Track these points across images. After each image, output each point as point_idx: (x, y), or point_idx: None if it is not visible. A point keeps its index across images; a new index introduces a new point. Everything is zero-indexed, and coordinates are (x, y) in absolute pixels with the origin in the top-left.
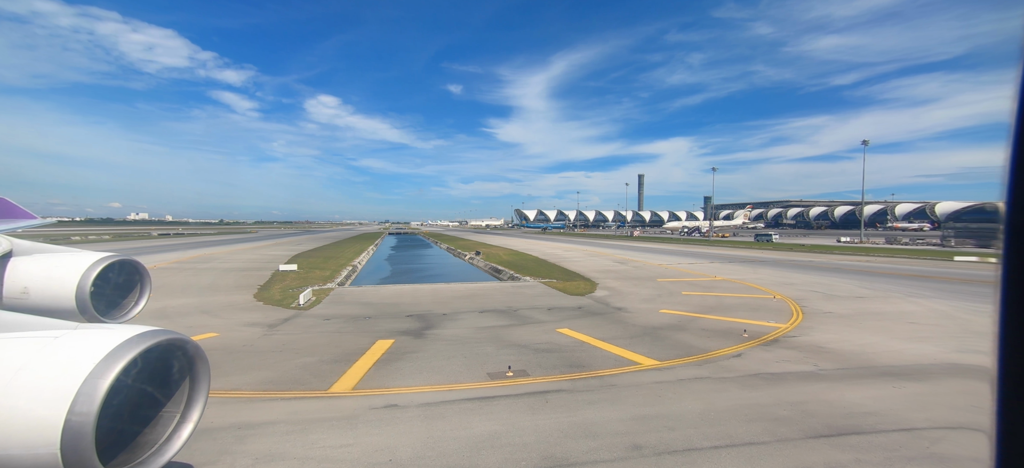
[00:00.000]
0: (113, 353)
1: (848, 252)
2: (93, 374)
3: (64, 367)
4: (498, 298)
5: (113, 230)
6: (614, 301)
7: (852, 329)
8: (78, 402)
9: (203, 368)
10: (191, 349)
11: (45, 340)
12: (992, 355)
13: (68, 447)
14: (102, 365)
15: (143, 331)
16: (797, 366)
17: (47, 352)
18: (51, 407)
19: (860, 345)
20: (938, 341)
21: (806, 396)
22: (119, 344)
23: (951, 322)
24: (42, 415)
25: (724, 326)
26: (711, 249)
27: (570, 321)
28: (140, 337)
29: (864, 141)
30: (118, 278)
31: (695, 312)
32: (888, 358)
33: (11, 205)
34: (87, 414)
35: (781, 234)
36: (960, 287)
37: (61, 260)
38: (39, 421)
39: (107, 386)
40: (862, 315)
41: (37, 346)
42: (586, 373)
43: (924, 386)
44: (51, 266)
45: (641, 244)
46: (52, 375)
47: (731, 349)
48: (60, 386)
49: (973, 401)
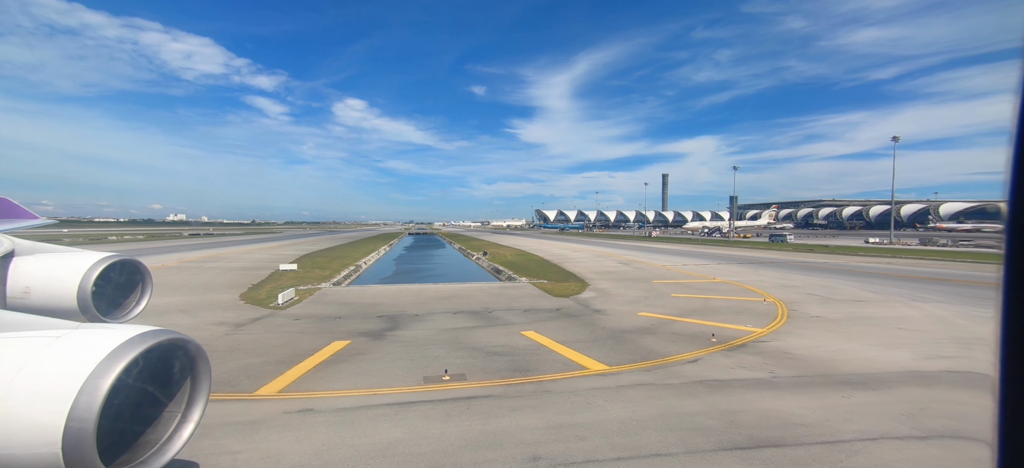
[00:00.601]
0: (114, 353)
1: (871, 253)
2: (94, 374)
3: (65, 367)
4: (479, 299)
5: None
6: (597, 303)
7: (831, 334)
8: (79, 402)
9: (204, 368)
10: (192, 349)
11: (47, 340)
12: (994, 357)
13: (69, 447)
14: (103, 365)
15: (144, 331)
16: (750, 373)
17: (49, 352)
18: (52, 407)
19: (830, 351)
20: (915, 347)
21: (743, 405)
22: (120, 344)
23: (943, 327)
24: (43, 415)
25: (696, 330)
26: (725, 250)
27: (540, 323)
28: (141, 337)
29: (894, 138)
30: (119, 278)
31: (674, 315)
32: (853, 365)
33: (13, 205)
34: (88, 414)
35: (810, 235)
36: (980, 291)
37: (63, 260)
38: (40, 421)
39: (108, 386)
40: (850, 320)
41: (39, 346)
42: (527, 378)
43: (874, 395)
44: (53, 266)
45: (656, 245)
46: (54, 375)
47: (690, 354)
48: (61, 386)
49: (914, 409)
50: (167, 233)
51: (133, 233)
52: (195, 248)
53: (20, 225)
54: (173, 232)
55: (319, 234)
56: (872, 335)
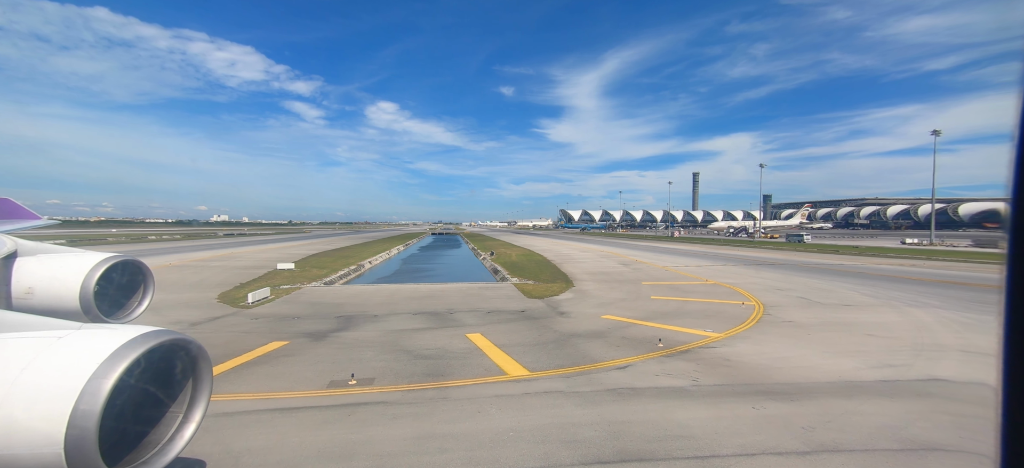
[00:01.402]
0: (116, 353)
1: (902, 255)
2: (96, 374)
3: (68, 367)
4: (451, 300)
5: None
6: (567, 305)
7: (789, 340)
8: (82, 402)
9: (206, 368)
10: (194, 349)
11: (49, 340)
12: (997, 359)
13: (72, 447)
14: (105, 365)
15: (146, 331)
16: (672, 381)
17: (51, 352)
18: (55, 407)
19: (773, 358)
20: (870, 355)
21: (639, 416)
22: (122, 344)
23: (916, 334)
24: (46, 415)
25: (651, 334)
26: (741, 251)
27: (494, 325)
28: (143, 337)
29: (934, 131)
30: (121, 278)
31: (638, 318)
32: (788, 374)
33: (15, 205)
34: (91, 414)
35: (847, 235)
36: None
37: (65, 260)
38: (43, 421)
39: (110, 386)
40: (824, 325)
41: (41, 346)
42: (435, 383)
43: (787, 406)
44: (55, 266)
45: (673, 245)
46: (56, 375)
47: (625, 360)
48: (64, 386)
49: (818, 422)
50: (204, 233)
51: (171, 233)
52: (217, 247)
53: (22, 225)
54: (209, 232)
55: (345, 234)
56: (834, 342)
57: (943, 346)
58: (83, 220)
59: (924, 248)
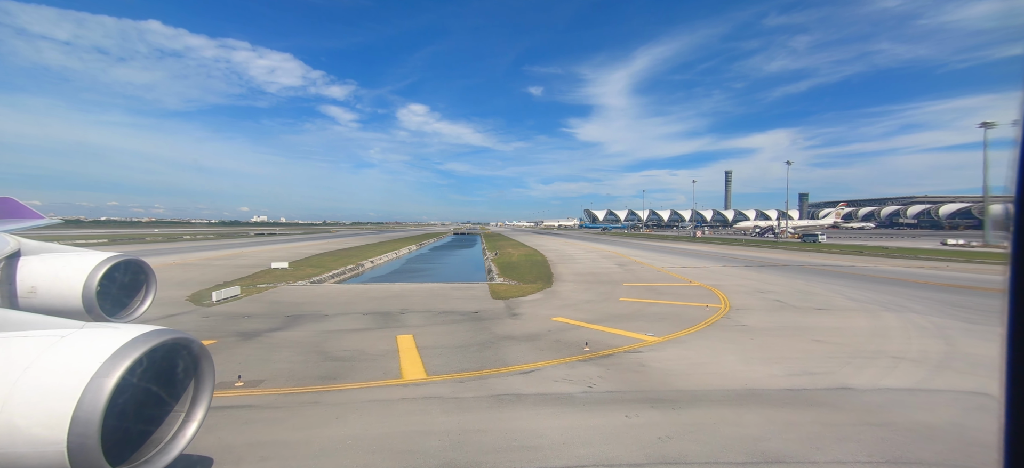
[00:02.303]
0: (119, 352)
1: (932, 257)
2: (99, 373)
3: (71, 366)
4: (412, 300)
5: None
6: (528, 306)
7: (728, 345)
8: (84, 401)
9: (208, 367)
10: (196, 348)
11: (52, 339)
12: (1000, 360)
13: (74, 445)
14: (108, 364)
15: (148, 331)
16: (565, 387)
17: (54, 351)
18: (58, 405)
19: (692, 364)
20: (798, 362)
21: (499, 425)
22: (124, 343)
23: (873, 340)
24: (49, 413)
25: (589, 337)
26: (753, 251)
27: (432, 327)
28: (145, 337)
29: (984, 124)
30: (124, 278)
31: (587, 321)
32: (696, 382)
33: (18, 205)
34: (93, 412)
35: (884, 235)
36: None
37: (68, 260)
38: (46, 419)
39: (113, 385)
40: (779, 329)
41: (44, 345)
42: (325, 386)
43: (668, 415)
44: (58, 266)
45: (687, 245)
46: (59, 374)
47: (537, 364)
48: (67, 385)
49: (678, 432)
50: (237, 233)
51: (205, 233)
52: (233, 247)
53: (26, 225)
54: (242, 232)
55: (369, 234)
56: (773, 347)
57: (883, 353)
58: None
59: (966, 250)
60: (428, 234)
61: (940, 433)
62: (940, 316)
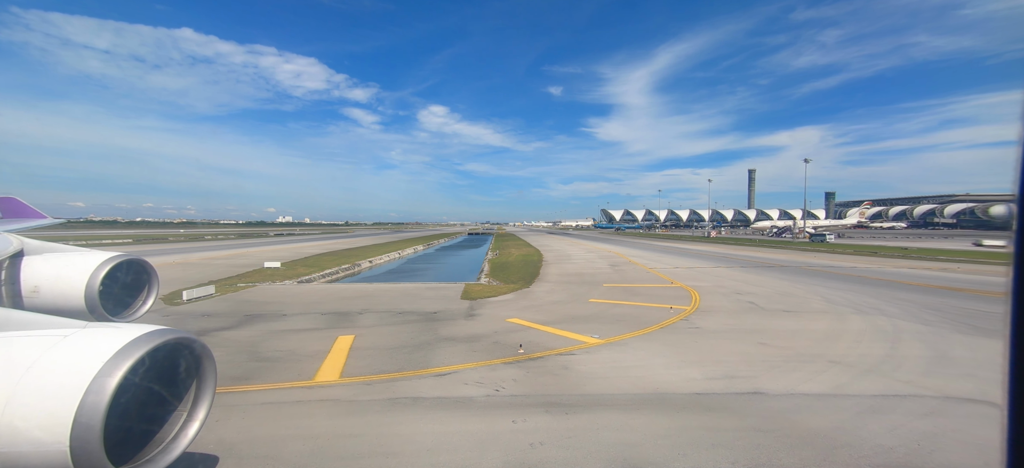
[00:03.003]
0: (121, 352)
1: (953, 258)
2: (102, 373)
3: (73, 365)
4: (383, 300)
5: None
6: (492, 307)
7: (669, 348)
8: (87, 400)
9: (210, 367)
10: (198, 348)
11: (55, 338)
12: (1003, 360)
13: (77, 444)
14: (110, 364)
15: (150, 330)
16: (472, 390)
17: (57, 350)
18: (61, 404)
19: (619, 368)
20: (728, 366)
21: (376, 430)
22: (127, 343)
23: (822, 343)
24: (52, 412)
25: (533, 338)
26: (757, 252)
27: (379, 328)
28: (148, 336)
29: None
30: (126, 277)
31: (541, 322)
32: (612, 385)
33: (21, 205)
34: (96, 412)
35: (913, 236)
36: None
37: (71, 260)
38: (49, 418)
39: (115, 384)
40: (731, 331)
41: (47, 344)
42: (232, 388)
43: (554, 420)
44: (61, 266)
45: (695, 246)
46: (61, 373)
47: (460, 366)
48: (69, 384)
49: (556, 438)
50: (257, 233)
51: (226, 233)
52: (240, 247)
53: (29, 225)
54: (261, 232)
55: (382, 234)
56: (715, 350)
57: (822, 356)
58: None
59: (1000, 251)
60: (441, 234)
61: (819, 439)
62: (909, 319)
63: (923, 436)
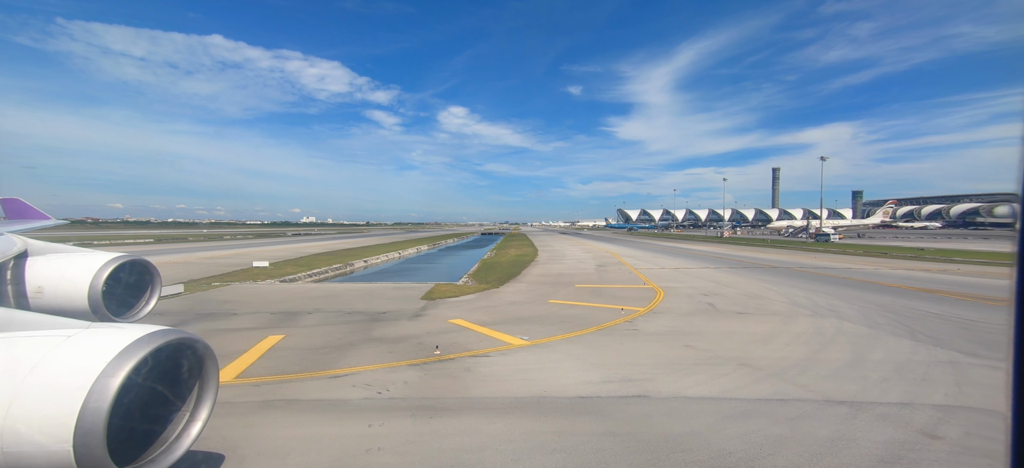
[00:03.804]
0: (124, 352)
1: (971, 260)
2: (105, 373)
3: (77, 365)
4: (338, 300)
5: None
6: (446, 309)
7: (590, 350)
8: (90, 400)
9: (212, 367)
10: (201, 348)
11: (59, 338)
12: (1007, 365)
13: (81, 444)
14: (114, 364)
15: (153, 330)
16: (359, 392)
17: (61, 351)
18: (64, 404)
19: (524, 370)
20: (633, 368)
21: (234, 432)
22: (130, 343)
23: (745, 346)
24: (55, 412)
25: (461, 340)
26: (760, 253)
27: (319, 328)
28: (150, 336)
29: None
30: (129, 278)
31: (482, 323)
32: (502, 388)
33: (25, 206)
34: (99, 412)
35: (942, 236)
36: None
37: (74, 260)
38: (53, 418)
39: (118, 384)
40: (670, 333)
41: (51, 344)
42: None
43: (414, 424)
44: (65, 266)
45: (700, 247)
46: (65, 373)
47: (368, 367)
48: (73, 384)
49: (393, 445)
50: (275, 233)
51: (245, 233)
52: (250, 246)
53: (33, 226)
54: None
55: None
56: (634, 353)
57: (738, 359)
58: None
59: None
60: (453, 234)
61: (665, 443)
62: (858, 322)
63: (771, 440)
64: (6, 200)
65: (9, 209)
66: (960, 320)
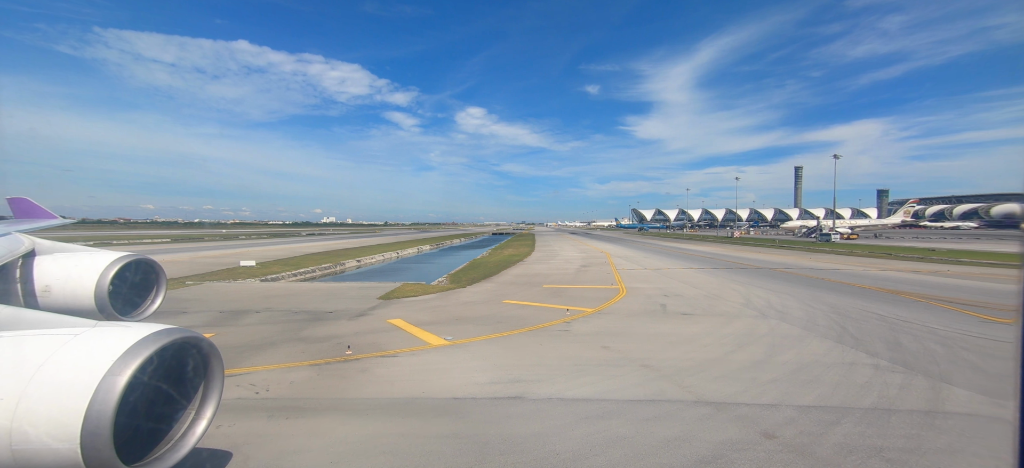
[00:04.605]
0: (130, 351)
1: (981, 262)
2: (111, 371)
3: (83, 364)
4: (295, 300)
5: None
6: (396, 308)
7: (507, 351)
8: (97, 398)
9: (217, 366)
10: (206, 347)
11: (65, 337)
12: (1014, 366)
13: (88, 442)
14: (120, 362)
15: (159, 329)
16: (236, 392)
17: (67, 349)
18: (71, 402)
19: (422, 372)
20: (531, 369)
21: None
22: (136, 342)
23: (667, 348)
24: (62, 410)
25: (387, 340)
26: (754, 253)
27: (257, 327)
28: (156, 335)
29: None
30: (135, 277)
31: (421, 323)
32: (385, 390)
33: (32, 205)
34: (105, 410)
35: (968, 236)
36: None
37: (81, 259)
38: (60, 416)
39: (124, 383)
40: (599, 334)
41: (57, 343)
42: None
43: (273, 424)
44: (71, 265)
45: (701, 247)
46: (72, 371)
47: (265, 367)
48: (80, 382)
49: (242, 443)
50: (290, 233)
51: (261, 233)
52: (255, 245)
53: (40, 225)
54: (293, 232)
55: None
56: (547, 354)
57: (638, 361)
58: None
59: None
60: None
61: (499, 443)
62: (795, 324)
63: (610, 441)
64: (13, 199)
65: (16, 208)
66: (900, 322)
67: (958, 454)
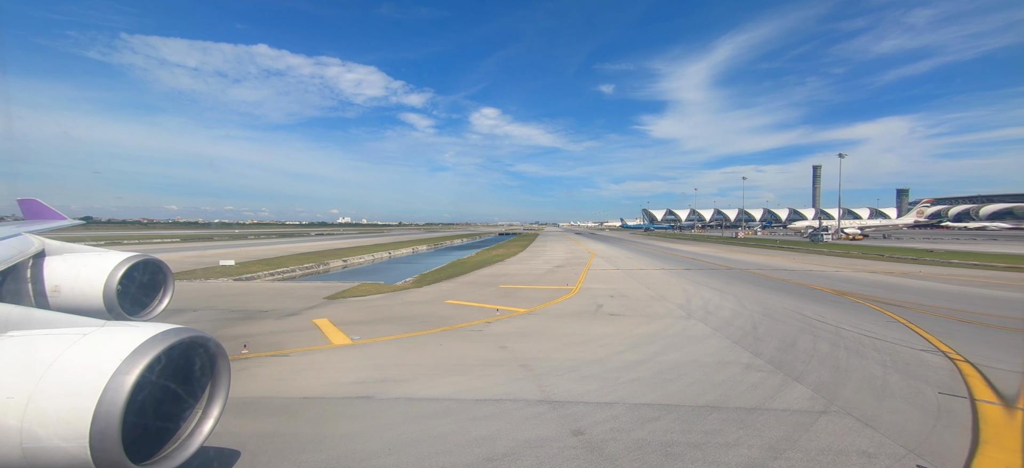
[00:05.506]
0: (138, 350)
1: (986, 265)
2: (120, 370)
3: (92, 363)
4: (242, 299)
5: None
6: (332, 309)
7: (408, 352)
8: (106, 397)
9: (224, 365)
10: (213, 347)
11: (74, 337)
12: (1022, 366)
13: (96, 440)
14: (128, 362)
15: (167, 329)
16: None
17: (77, 349)
18: (80, 401)
19: (313, 370)
20: (413, 369)
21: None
22: (144, 341)
23: (567, 349)
24: (72, 409)
25: (303, 339)
26: (743, 254)
27: (195, 324)
28: (164, 335)
29: None
30: (142, 277)
31: (340, 322)
32: (265, 388)
33: (42, 206)
34: (114, 409)
35: (984, 238)
36: None
37: (89, 260)
38: (69, 415)
39: (133, 382)
40: (515, 335)
41: (67, 342)
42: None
43: None
44: (80, 266)
45: (694, 248)
46: (81, 371)
47: None
48: (89, 381)
49: None
50: (298, 232)
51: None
52: (254, 244)
53: (49, 226)
54: (302, 231)
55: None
56: (444, 354)
57: (530, 359)
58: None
59: None
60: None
61: (303, 443)
62: (713, 325)
63: (419, 439)
64: (23, 201)
65: (26, 209)
66: (816, 323)
67: (734, 448)
